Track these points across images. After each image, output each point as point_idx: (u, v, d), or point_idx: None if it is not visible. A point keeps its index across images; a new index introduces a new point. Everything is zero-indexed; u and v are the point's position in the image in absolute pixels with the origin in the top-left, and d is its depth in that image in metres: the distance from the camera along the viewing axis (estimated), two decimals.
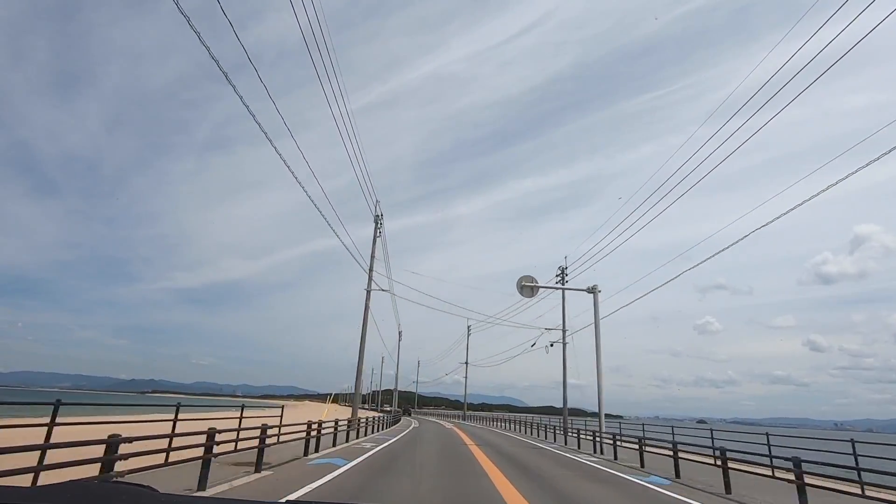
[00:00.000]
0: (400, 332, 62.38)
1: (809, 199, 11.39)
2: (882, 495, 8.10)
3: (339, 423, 15.36)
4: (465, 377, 62.22)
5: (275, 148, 10.75)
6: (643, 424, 18.83)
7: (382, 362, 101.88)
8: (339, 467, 10.09)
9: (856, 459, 10.26)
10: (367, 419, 22.30)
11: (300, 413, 42.84)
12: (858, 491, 9.18)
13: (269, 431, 9.50)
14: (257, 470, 8.91)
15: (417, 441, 19.28)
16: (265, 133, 10.21)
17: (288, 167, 12.06)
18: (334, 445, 14.50)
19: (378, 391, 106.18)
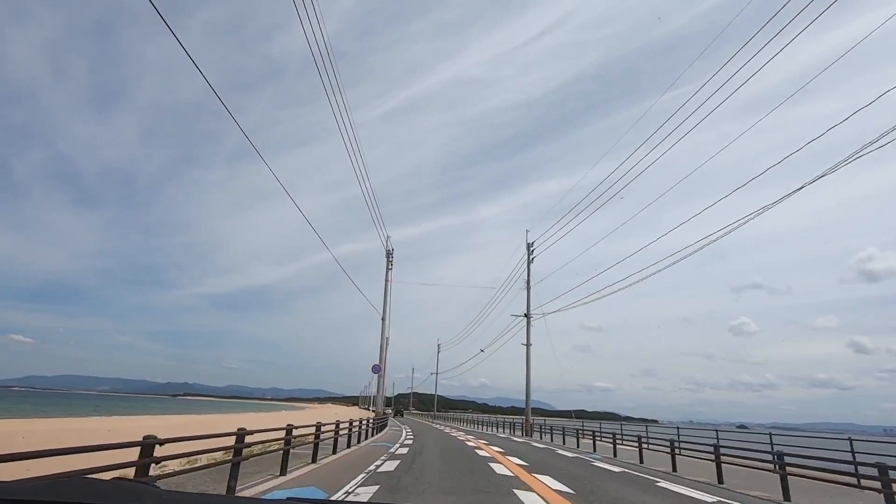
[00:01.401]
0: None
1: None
2: None
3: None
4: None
5: (273, 174, 10.53)
6: (677, 428, 18.04)
7: (413, 372, 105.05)
8: None
9: None
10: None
11: (307, 415, 44.12)
12: None
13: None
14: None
15: None
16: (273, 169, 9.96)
17: (286, 190, 11.90)
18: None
19: (410, 394, 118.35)
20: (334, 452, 13.18)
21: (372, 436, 21.47)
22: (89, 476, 1.59)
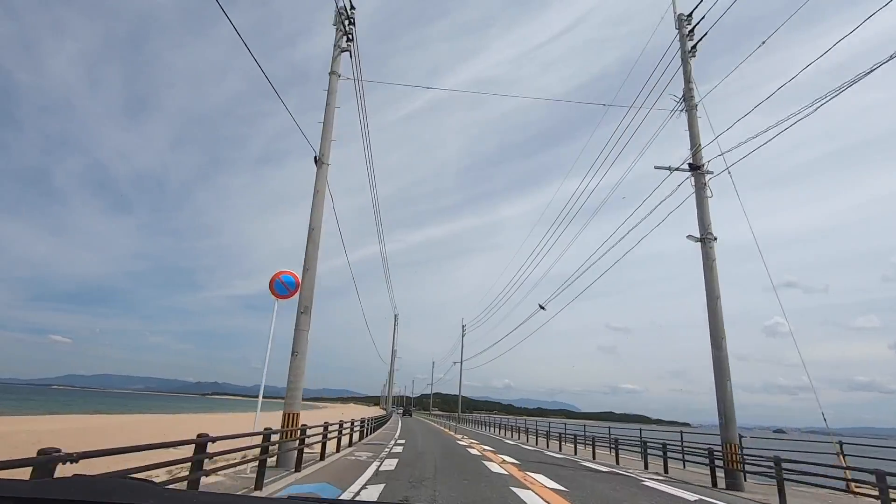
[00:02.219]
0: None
1: None
2: None
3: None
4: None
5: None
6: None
7: (433, 366, 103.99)
8: None
9: None
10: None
11: (322, 414, 43.99)
12: None
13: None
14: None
15: None
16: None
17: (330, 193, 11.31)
18: None
19: (431, 395, 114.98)
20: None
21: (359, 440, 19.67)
22: (90, 474, 1.60)
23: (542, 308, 19.65)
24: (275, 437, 8.65)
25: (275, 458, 9.69)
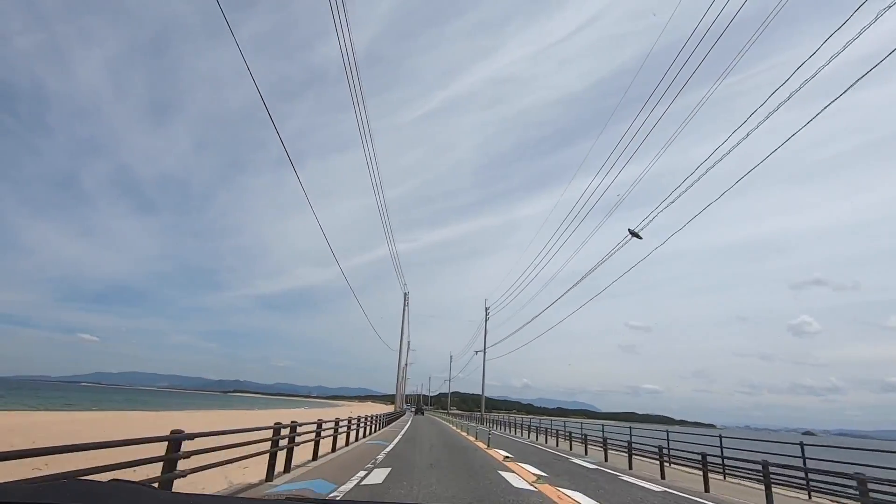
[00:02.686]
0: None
1: None
2: None
3: None
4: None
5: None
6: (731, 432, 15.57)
7: (451, 360, 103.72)
8: None
9: None
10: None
11: (334, 412, 43.06)
12: None
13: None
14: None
15: None
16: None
17: (311, 205, 11.50)
18: None
19: (449, 394, 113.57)
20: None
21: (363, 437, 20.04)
22: (86, 478, 1.73)
23: (634, 235, 14.76)
24: (260, 435, 8.25)
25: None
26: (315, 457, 11.71)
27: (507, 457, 15.23)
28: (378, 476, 9.27)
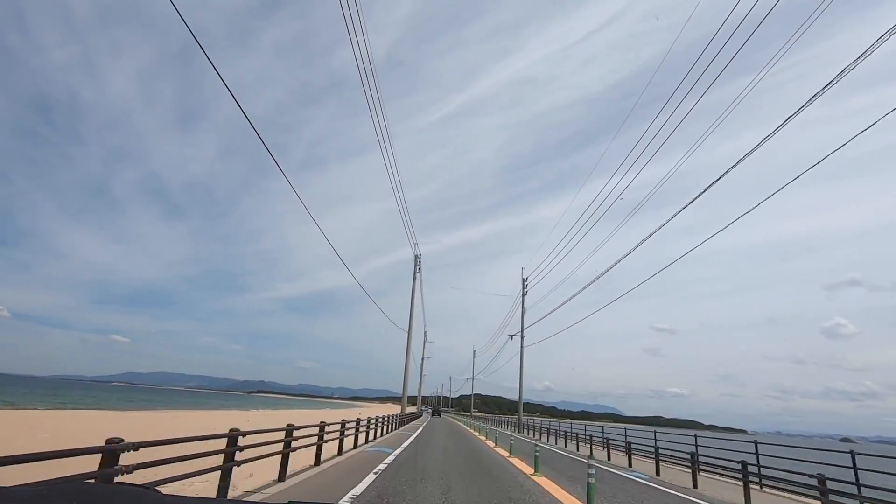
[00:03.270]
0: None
1: None
2: None
3: None
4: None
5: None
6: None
7: (474, 356, 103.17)
8: None
9: None
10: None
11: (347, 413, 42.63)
12: None
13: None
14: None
15: None
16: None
17: (312, 216, 11.61)
18: None
19: (471, 395, 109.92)
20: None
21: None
22: (89, 481, 1.70)
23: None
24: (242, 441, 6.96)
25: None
26: (282, 477, 8.47)
27: None
28: None
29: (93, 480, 4.29)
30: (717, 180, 12.60)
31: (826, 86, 9.51)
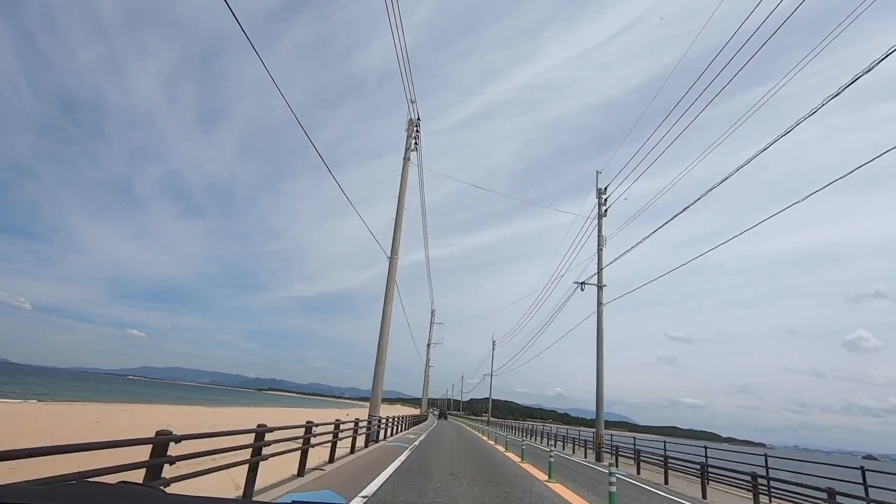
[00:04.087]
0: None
1: None
2: None
3: None
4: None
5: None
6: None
7: (493, 347, 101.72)
8: None
9: None
10: None
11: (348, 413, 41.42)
12: None
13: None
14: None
15: None
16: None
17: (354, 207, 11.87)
18: None
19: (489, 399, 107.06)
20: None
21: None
22: (92, 479, 1.65)
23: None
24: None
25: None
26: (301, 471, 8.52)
27: None
28: None
29: (144, 469, 4.42)
30: (707, 193, 12.53)
31: (832, 96, 9.41)
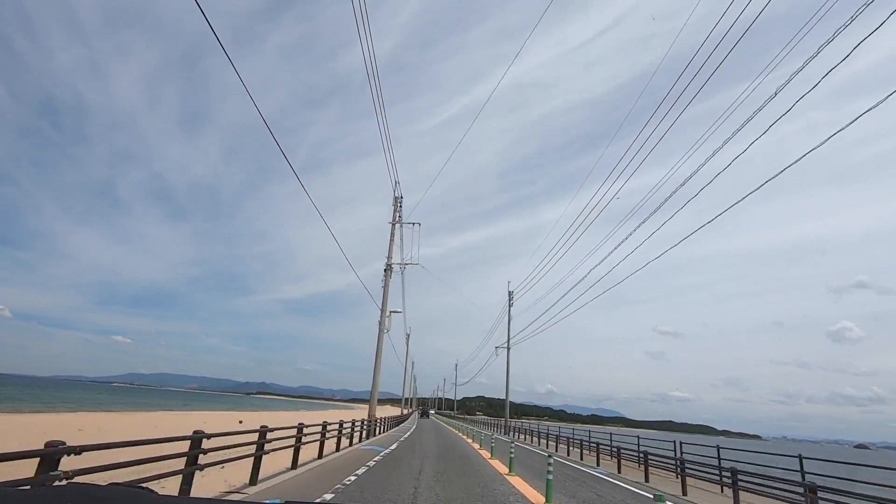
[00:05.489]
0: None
1: None
2: None
3: None
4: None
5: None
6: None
7: (495, 368, 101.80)
8: None
9: None
10: None
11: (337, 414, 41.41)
12: None
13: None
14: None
15: None
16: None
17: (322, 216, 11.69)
18: None
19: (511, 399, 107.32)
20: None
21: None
22: (83, 482, 1.53)
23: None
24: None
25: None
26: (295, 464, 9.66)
27: None
28: None
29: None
30: (697, 193, 12.66)
31: (802, 96, 9.54)
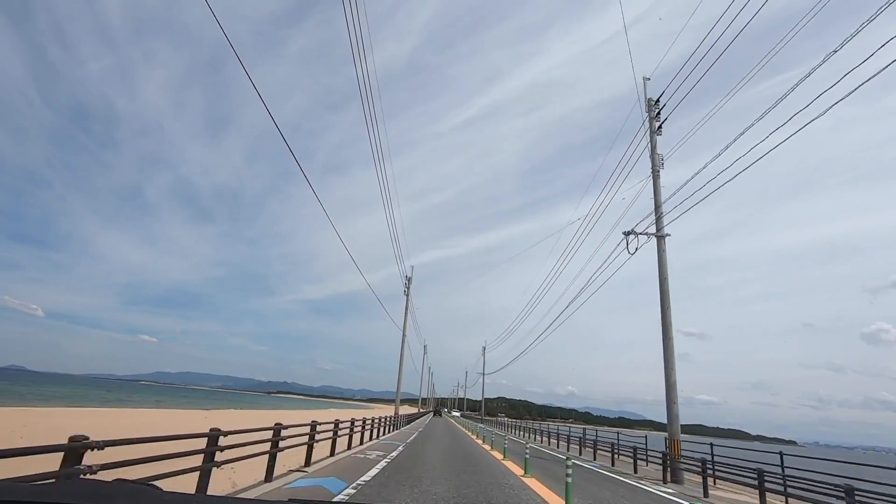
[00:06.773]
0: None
1: None
2: None
3: None
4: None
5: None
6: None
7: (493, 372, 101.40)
8: None
9: None
10: None
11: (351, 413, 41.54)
12: None
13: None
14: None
15: None
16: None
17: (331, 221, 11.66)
18: None
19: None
20: None
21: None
22: (88, 477, 1.56)
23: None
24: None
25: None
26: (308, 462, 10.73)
27: None
28: None
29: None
30: (714, 190, 12.17)
31: (822, 93, 9.24)
